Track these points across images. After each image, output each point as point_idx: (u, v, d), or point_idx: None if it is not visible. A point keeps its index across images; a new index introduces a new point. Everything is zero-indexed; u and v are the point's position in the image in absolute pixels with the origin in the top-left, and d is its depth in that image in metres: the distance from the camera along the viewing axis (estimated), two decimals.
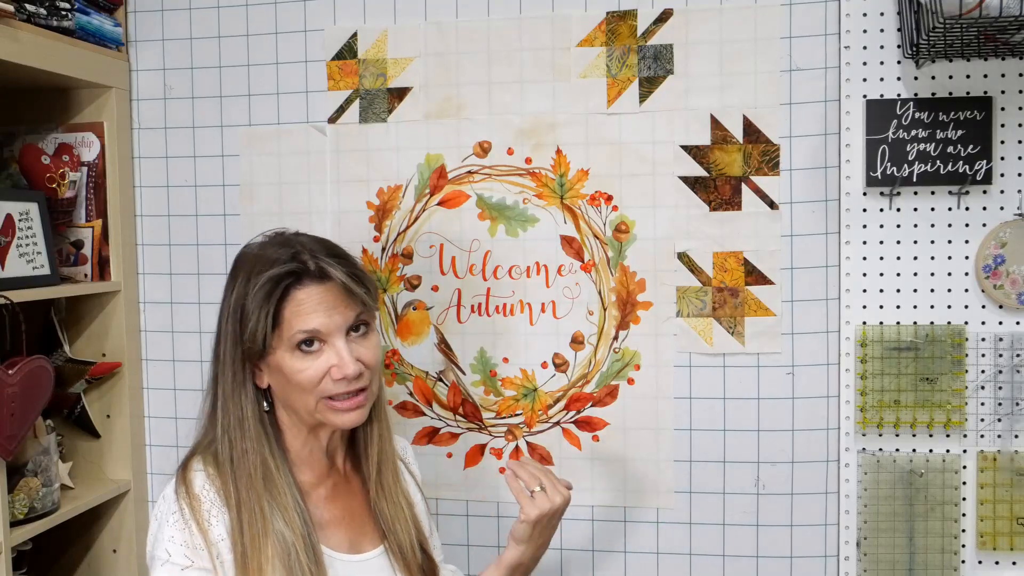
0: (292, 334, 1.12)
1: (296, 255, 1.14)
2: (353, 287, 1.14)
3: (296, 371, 1.12)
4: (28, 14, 1.49)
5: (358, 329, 1.16)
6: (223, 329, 1.16)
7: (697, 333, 1.59)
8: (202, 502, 1.11)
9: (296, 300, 1.12)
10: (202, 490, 1.12)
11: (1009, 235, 1.49)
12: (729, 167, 1.57)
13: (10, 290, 1.42)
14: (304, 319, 1.12)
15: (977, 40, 1.37)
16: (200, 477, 1.13)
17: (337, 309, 1.13)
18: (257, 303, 1.11)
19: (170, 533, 1.10)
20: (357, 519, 1.23)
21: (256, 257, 1.15)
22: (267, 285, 1.12)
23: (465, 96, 1.65)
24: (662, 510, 1.63)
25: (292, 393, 1.14)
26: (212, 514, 1.11)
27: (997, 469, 1.51)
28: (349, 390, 1.14)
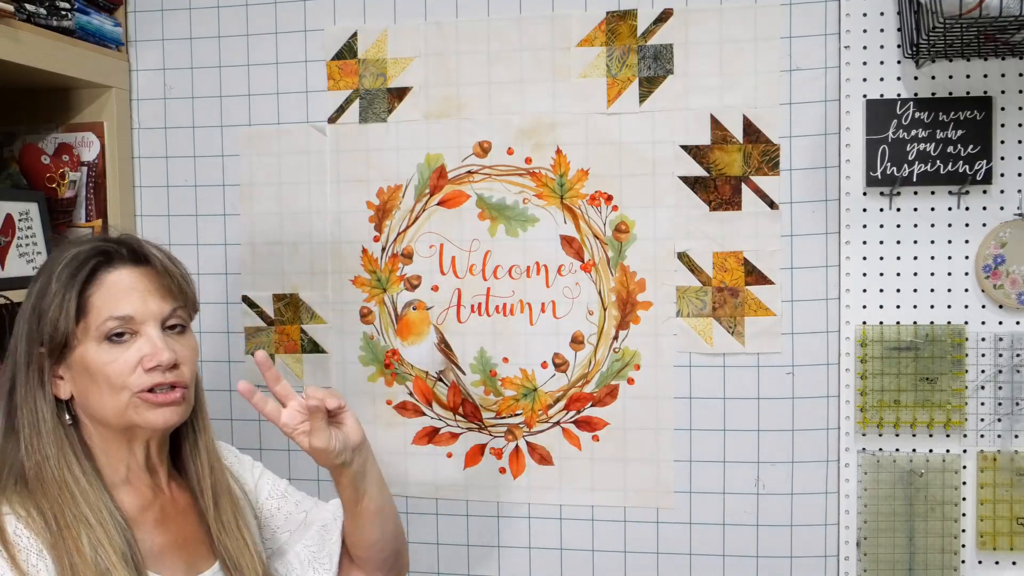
0: (101, 322, 1.01)
1: (108, 239, 1.06)
2: (174, 272, 1.06)
3: (104, 363, 1.01)
4: (28, 14, 1.48)
5: (174, 327, 1.07)
6: (17, 331, 1.04)
7: (697, 333, 1.60)
8: (18, 549, 0.97)
9: (106, 284, 1.03)
10: (16, 535, 0.98)
11: (1009, 235, 1.49)
12: (729, 167, 1.57)
13: (10, 290, 1.42)
14: (115, 305, 1.02)
15: (977, 40, 1.37)
16: (11, 520, 0.99)
17: (153, 296, 1.04)
18: (60, 286, 1.01)
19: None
20: (190, 540, 1.12)
21: (60, 250, 1.06)
22: (71, 266, 1.02)
23: (465, 96, 1.65)
24: (662, 510, 1.63)
25: (98, 393, 1.02)
26: (32, 562, 0.97)
27: (997, 469, 1.51)
28: (164, 381, 1.03)
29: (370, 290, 1.70)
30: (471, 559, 1.68)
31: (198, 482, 1.13)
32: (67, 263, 1.02)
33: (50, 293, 1.01)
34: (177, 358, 1.04)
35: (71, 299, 1.01)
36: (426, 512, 1.70)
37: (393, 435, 1.70)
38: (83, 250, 1.04)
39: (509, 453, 1.67)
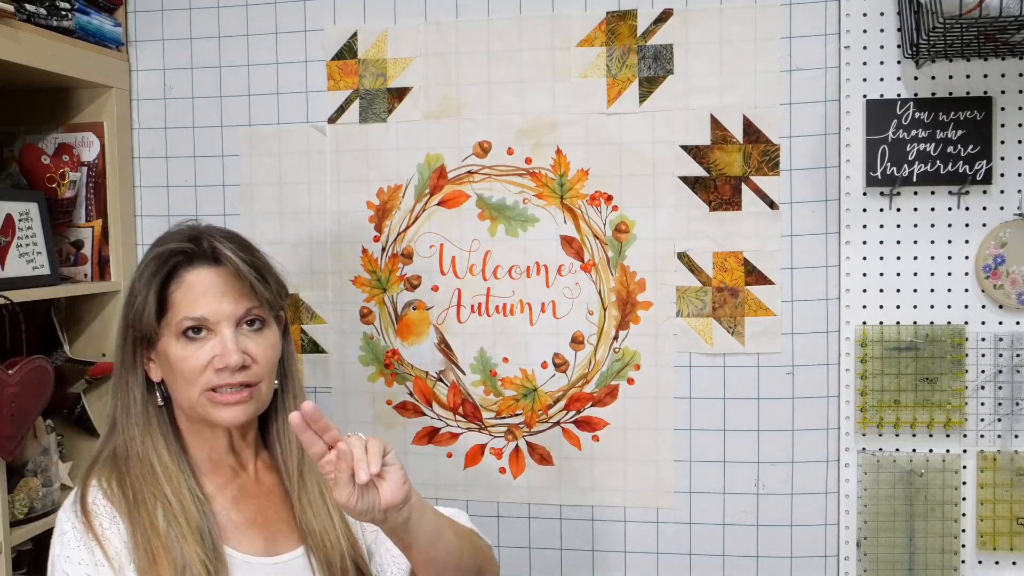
0: (179, 320, 1.06)
1: (193, 237, 1.09)
2: (247, 274, 1.07)
3: (180, 359, 1.06)
4: (28, 14, 1.49)
5: (252, 323, 1.09)
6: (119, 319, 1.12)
7: (697, 333, 1.59)
8: (95, 515, 1.04)
9: (186, 283, 1.07)
10: (94, 503, 1.05)
11: (1009, 235, 1.49)
12: (729, 167, 1.57)
13: (10, 290, 1.42)
14: (192, 305, 1.06)
15: (977, 40, 1.37)
16: (93, 491, 1.07)
17: (227, 297, 1.07)
18: (144, 282, 1.07)
19: (65, 553, 1.03)
20: (273, 520, 1.14)
21: (155, 243, 1.12)
22: (154, 263, 1.07)
23: (465, 96, 1.65)
24: (662, 510, 1.63)
25: (177, 383, 1.08)
26: (106, 527, 1.04)
27: (997, 469, 1.51)
28: (232, 382, 1.06)
29: (370, 290, 1.70)
30: None
31: (283, 461, 1.16)
32: (152, 260, 1.08)
33: (136, 288, 1.08)
34: (247, 359, 1.07)
35: (152, 296, 1.06)
36: None
37: (393, 435, 1.70)
38: (166, 249, 1.08)
39: (509, 453, 1.67)
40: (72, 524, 1.04)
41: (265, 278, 1.10)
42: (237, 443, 1.14)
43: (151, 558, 1.02)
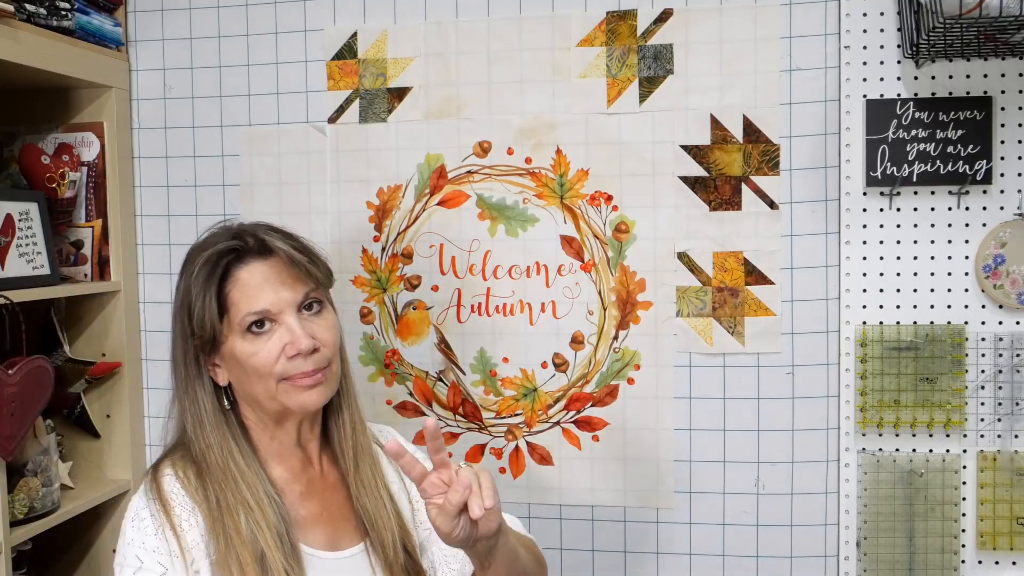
0: (241, 317, 1.07)
1: (237, 235, 1.11)
2: (300, 260, 1.09)
3: (250, 355, 1.07)
4: (28, 14, 1.49)
5: (311, 307, 1.11)
6: (174, 328, 1.12)
7: (697, 333, 1.59)
8: (173, 506, 1.06)
9: (241, 281, 1.08)
10: (171, 493, 1.07)
11: (1009, 235, 1.49)
12: (729, 167, 1.57)
13: (10, 290, 1.42)
14: (252, 300, 1.07)
15: (977, 40, 1.37)
16: (169, 480, 1.08)
17: (285, 285, 1.09)
18: (199, 288, 1.07)
19: (141, 539, 1.04)
20: (336, 515, 1.16)
21: (197, 247, 1.12)
22: (206, 268, 1.08)
23: (465, 96, 1.65)
24: (662, 510, 1.63)
25: (249, 380, 1.09)
26: (184, 518, 1.05)
27: (997, 469, 1.51)
28: (306, 369, 1.08)
29: (370, 290, 1.70)
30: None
31: (340, 443, 1.18)
32: (202, 265, 1.08)
33: (193, 293, 1.08)
34: (316, 342, 1.09)
35: (211, 299, 1.07)
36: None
37: None
38: (215, 251, 1.09)
39: (509, 453, 1.67)
40: (150, 511, 1.06)
41: (315, 261, 1.13)
42: (304, 436, 1.16)
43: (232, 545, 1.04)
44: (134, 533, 1.05)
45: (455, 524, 0.96)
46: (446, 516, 0.96)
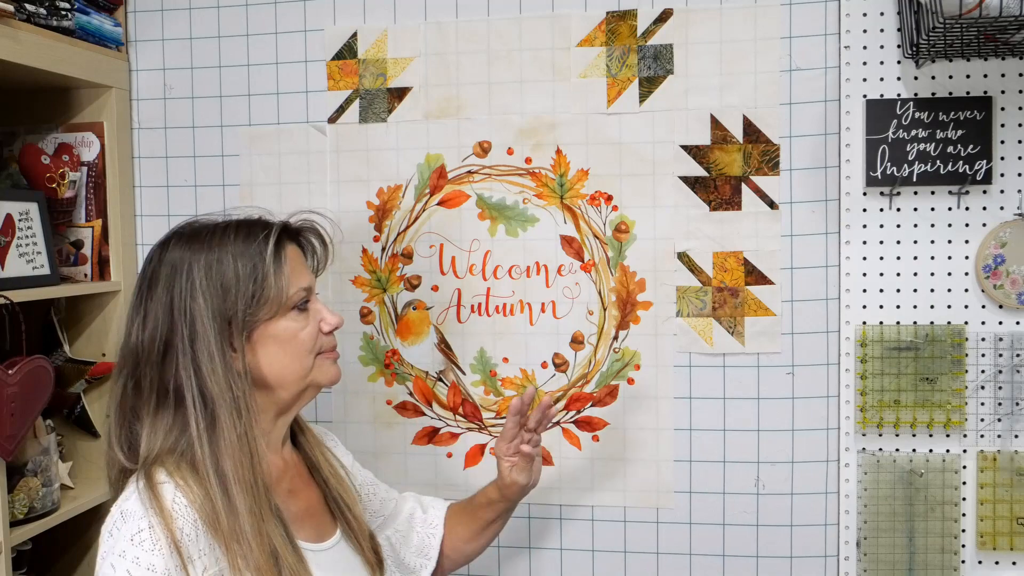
0: (293, 292, 1.09)
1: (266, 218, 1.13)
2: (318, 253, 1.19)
3: (297, 331, 1.09)
4: (28, 14, 1.49)
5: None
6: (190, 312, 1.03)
7: (697, 333, 1.59)
8: (175, 517, 0.98)
9: (289, 258, 1.10)
10: (174, 504, 0.99)
11: (1009, 235, 1.49)
12: (729, 167, 1.57)
13: (10, 290, 1.42)
14: (298, 277, 1.11)
15: (977, 40, 1.37)
16: (169, 489, 1.00)
17: (309, 269, 1.16)
18: (251, 263, 1.05)
19: (135, 554, 0.95)
20: (316, 508, 1.19)
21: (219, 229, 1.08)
22: (252, 243, 1.07)
23: (465, 96, 1.65)
24: (662, 510, 1.63)
25: (286, 359, 1.09)
26: (186, 531, 0.98)
27: (997, 469, 1.51)
28: (334, 343, 1.16)
29: (370, 290, 1.70)
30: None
31: (307, 436, 1.24)
32: (245, 241, 1.07)
33: (241, 270, 1.05)
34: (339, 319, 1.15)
35: (273, 273, 1.06)
36: None
37: (393, 435, 1.70)
38: (257, 228, 1.09)
39: None
40: (149, 523, 0.97)
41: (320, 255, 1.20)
42: (286, 431, 1.18)
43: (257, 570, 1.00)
44: (127, 546, 0.96)
45: (530, 473, 1.33)
46: (523, 471, 1.32)
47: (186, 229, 1.10)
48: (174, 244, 1.08)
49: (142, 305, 1.07)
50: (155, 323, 1.05)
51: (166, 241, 1.09)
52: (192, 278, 1.04)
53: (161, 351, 1.05)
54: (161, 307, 1.05)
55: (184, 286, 1.04)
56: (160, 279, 1.06)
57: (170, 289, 1.05)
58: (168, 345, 1.05)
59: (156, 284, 1.06)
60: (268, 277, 1.06)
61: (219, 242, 1.07)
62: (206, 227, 1.09)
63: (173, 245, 1.08)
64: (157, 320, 1.05)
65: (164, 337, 1.05)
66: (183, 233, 1.09)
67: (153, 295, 1.05)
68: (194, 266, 1.05)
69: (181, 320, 1.04)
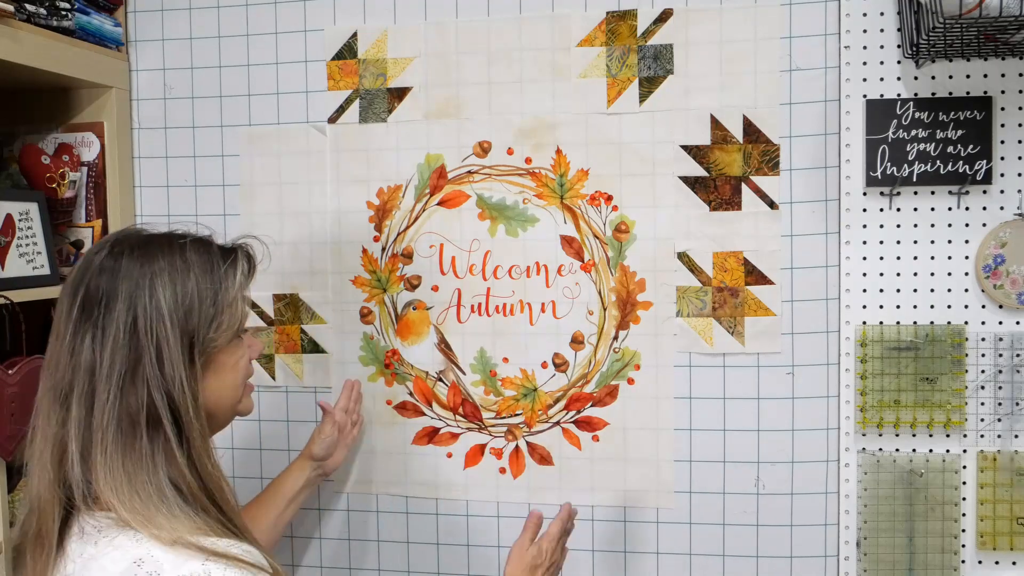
0: (242, 318, 1.05)
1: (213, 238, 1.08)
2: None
3: (239, 358, 1.06)
4: (28, 14, 1.49)
5: None
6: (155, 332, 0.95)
7: (697, 333, 1.59)
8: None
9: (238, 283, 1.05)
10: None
11: (1009, 235, 1.49)
12: (729, 167, 1.57)
13: (10, 290, 1.42)
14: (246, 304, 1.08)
15: (977, 40, 1.37)
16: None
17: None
18: (234, 290, 1.02)
19: None
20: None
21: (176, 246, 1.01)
22: (236, 269, 1.04)
23: (465, 96, 1.65)
24: (662, 510, 1.63)
25: (227, 388, 1.04)
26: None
27: (997, 469, 1.51)
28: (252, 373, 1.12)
29: (370, 290, 1.70)
30: (471, 559, 1.68)
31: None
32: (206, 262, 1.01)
33: (204, 292, 1.00)
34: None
35: (239, 299, 1.04)
36: (426, 512, 1.70)
37: (393, 435, 1.70)
38: (214, 249, 1.04)
39: (509, 453, 1.67)
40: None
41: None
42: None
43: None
44: None
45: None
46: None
47: (134, 240, 1.01)
48: (128, 257, 0.98)
49: (93, 320, 0.96)
50: (115, 342, 0.94)
51: (113, 252, 0.99)
52: (156, 296, 0.96)
53: (124, 372, 0.95)
54: (122, 324, 0.95)
55: (148, 303, 0.96)
56: (118, 294, 0.96)
57: (132, 306, 0.95)
58: (136, 364, 0.95)
59: (113, 298, 0.96)
60: (235, 303, 1.03)
61: (181, 261, 1.00)
62: (158, 241, 1.02)
63: (127, 257, 0.98)
64: (118, 339, 0.95)
65: (128, 357, 0.95)
66: (132, 244, 1.00)
67: (112, 310, 0.95)
68: (156, 283, 0.97)
69: (147, 339, 0.95)
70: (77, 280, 0.99)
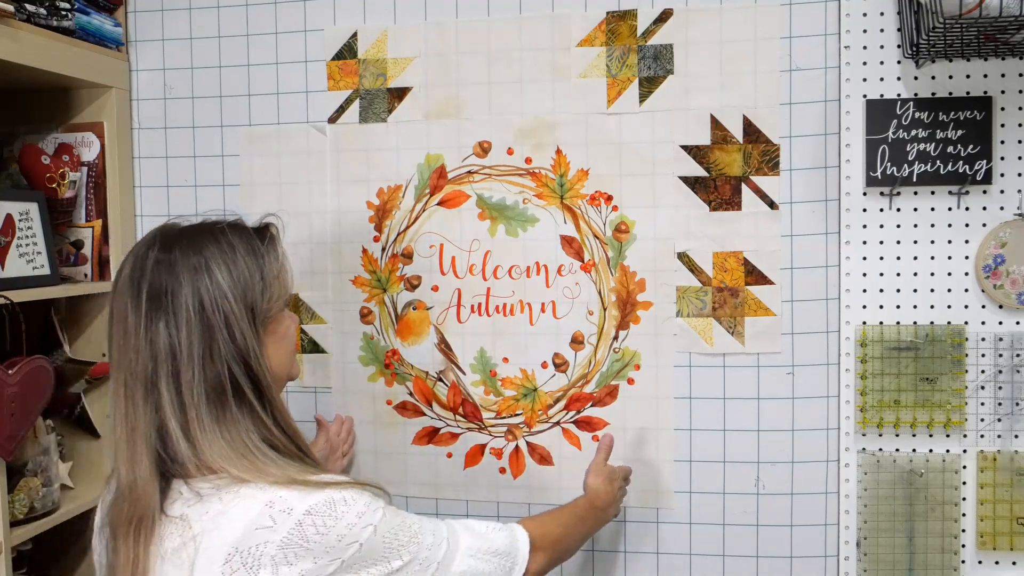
0: (289, 288, 1.15)
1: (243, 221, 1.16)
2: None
3: (292, 324, 1.15)
4: (28, 14, 1.49)
5: None
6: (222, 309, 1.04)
7: (697, 333, 1.59)
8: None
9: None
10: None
11: (1009, 235, 1.49)
12: (729, 167, 1.57)
13: (10, 290, 1.42)
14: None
15: (977, 40, 1.37)
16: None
17: None
18: (278, 262, 1.12)
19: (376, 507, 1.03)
20: None
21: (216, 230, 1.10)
22: (277, 243, 1.13)
23: (465, 96, 1.65)
24: (662, 510, 1.63)
25: (283, 354, 1.12)
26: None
27: (997, 469, 1.51)
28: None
29: (370, 290, 1.70)
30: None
31: None
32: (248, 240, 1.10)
33: (253, 267, 1.08)
34: None
35: (286, 270, 1.13)
36: (426, 512, 1.70)
37: (393, 435, 1.70)
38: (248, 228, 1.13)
39: (509, 453, 1.67)
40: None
41: None
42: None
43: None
44: (363, 507, 1.01)
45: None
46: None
47: (177, 233, 1.09)
48: (179, 248, 1.06)
49: (164, 309, 1.03)
50: (188, 324, 1.02)
51: (164, 246, 1.06)
52: (215, 277, 1.04)
53: (203, 350, 1.03)
54: (191, 307, 1.03)
55: (209, 284, 1.04)
56: (181, 281, 1.04)
57: (196, 290, 1.03)
58: (211, 341, 1.03)
59: (177, 286, 1.03)
60: (281, 275, 1.11)
61: (227, 244, 1.08)
62: (199, 231, 1.09)
63: (178, 249, 1.06)
64: (191, 321, 1.02)
65: (203, 335, 1.03)
66: (177, 236, 1.08)
67: (178, 296, 1.03)
68: (212, 265, 1.05)
69: (216, 316, 1.03)
70: (136, 276, 1.05)
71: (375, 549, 1.01)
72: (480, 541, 1.14)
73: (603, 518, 1.45)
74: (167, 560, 0.99)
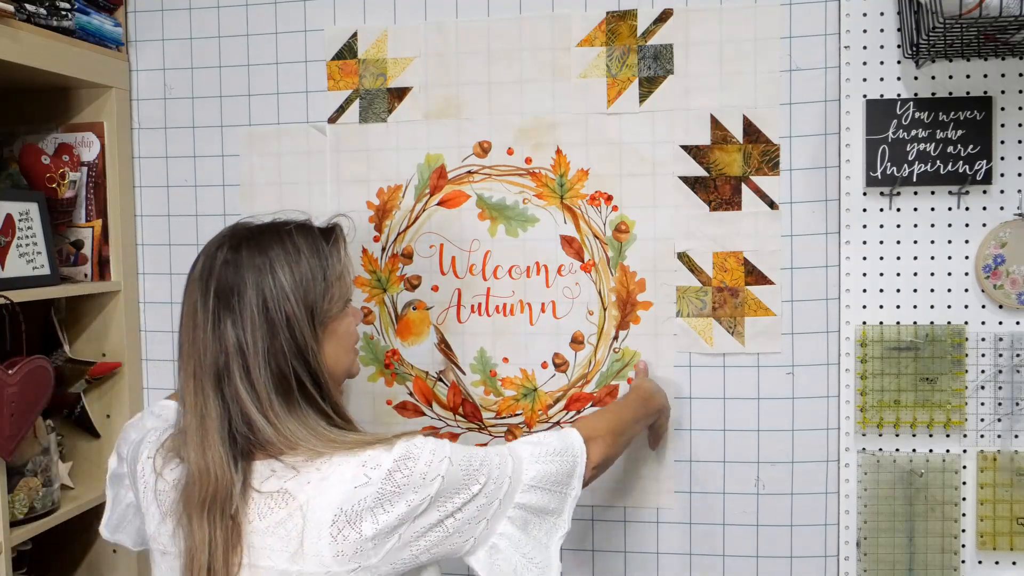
0: (350, 288, 1.19)
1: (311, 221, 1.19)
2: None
3: (350, 325, 1.19)
4: (28, 14, 1.49)
5: None
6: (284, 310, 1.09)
7: (697, 333, 1.60)
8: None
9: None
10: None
11: (1009, 235, 1.49)
12: (729, 167, 1.57)
13: (10, 290, 1.42)
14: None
15: (977, 40, 1.37)
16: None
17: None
18: (341, 264, 1.16)
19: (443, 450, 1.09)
20: None
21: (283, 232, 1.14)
22: (340, 245, 1.17)
23: (465, 96, 1.65)
24: (662, 510, 1.63)
25: (342, 353, 1.17)
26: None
27: (997, 469, 1.51)
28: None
29: (370, 290, 1.70)
30: None
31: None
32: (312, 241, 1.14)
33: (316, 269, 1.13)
34: None
35: (347, 272, 1.18)
36: None
37: None
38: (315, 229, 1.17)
39: None
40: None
41: None
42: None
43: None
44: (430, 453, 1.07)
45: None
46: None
47: (246, 233, 1.14)
48: (246, 249, 1.11)
49: (231, 307, 1.08)
50: (252, 323, 1.08)
51: (232, 246, 1.12)
52: (278, 279, 1.09)
53: (268, 348, 1.08)
54: (255, 307, 1.08)
55: (272, 286, 1.09)
56: (246, 282, 1.09)
57: (260, 291, 1.08)
58: (273, 339, 1.08)
59: (243, 286, 1.09)
60: (343, 276, 1.16)
61: (292, 246, 1.12)
62: (267, 231, 1.14)
63: (246, 249, 1.11)
64: (255, 320, 1.08)
65: (266, 334, 1.08)
66: (246, 237, 1.13)
67: (244, 296, 1.08)
68: (275, 267, 1.10)
69: (278, 316, 1.08)
70: (206, 275, 1.11)
71: (455, 478, 1.07)
72: (537, 447, 1.19)
73: (651, 404, 1.49)
74: (269, 533, 1.04)
